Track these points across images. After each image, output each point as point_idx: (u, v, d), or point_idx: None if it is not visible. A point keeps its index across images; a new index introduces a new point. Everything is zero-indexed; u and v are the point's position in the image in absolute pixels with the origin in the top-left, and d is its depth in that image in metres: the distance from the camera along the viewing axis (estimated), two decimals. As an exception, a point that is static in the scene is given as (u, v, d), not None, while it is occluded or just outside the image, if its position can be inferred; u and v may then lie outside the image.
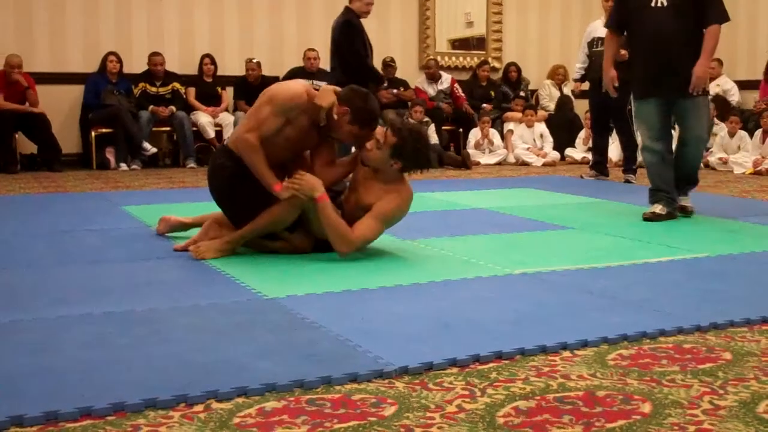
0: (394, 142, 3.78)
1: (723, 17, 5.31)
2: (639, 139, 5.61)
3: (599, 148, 8.33)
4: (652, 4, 5.23)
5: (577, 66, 8.70)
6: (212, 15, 9.96)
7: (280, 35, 10.26)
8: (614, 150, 9.25)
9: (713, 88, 10.75)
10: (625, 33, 5.62)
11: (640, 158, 7.24)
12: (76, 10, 9.33)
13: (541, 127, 10.40)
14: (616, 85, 5.66)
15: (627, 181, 7.83)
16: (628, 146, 7.87)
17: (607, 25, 5.83)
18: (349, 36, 7.37)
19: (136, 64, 9.50)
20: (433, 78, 10.61)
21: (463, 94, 10.70)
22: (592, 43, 8.16)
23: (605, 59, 5.74)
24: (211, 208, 4.13)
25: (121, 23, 9.56)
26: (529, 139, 10.38)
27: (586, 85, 8.62)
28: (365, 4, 7.38)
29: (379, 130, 3.83)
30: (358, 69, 7.27)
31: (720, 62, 10.87)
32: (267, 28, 10.20)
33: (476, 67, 11.07)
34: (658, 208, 5.23)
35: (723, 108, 10.06)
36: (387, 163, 3.82)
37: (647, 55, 5.32)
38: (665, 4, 5.20)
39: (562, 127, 10.64)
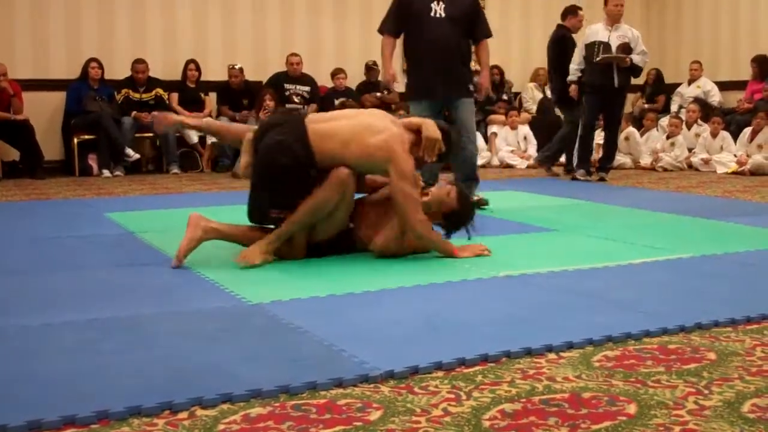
0: (454, 207, 4.01)
1: (489, 33, 6.14)
2: None
3: (590, 149, 8.45)
4: (432, 14, 5.84)
5: (572, 67, 8.41)
6: (195, 20, 9.94)
7: (264, 40, 10.25)
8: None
9: (694, 90, 10.83)
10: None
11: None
12: (59, 17, 9.29)
13: (525, 129, 10.44)
14: (397, 81, 6.19)
15: (602, 179, 8.16)
16: (613, 147, 8.48)
17: (382, 30, 6.15)
18: (565, 50, 8.50)
19: (119, 70, 9.46)
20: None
21: None
22: (592, 46, 8.11)
23: (385, 58, 6.14)
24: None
25: (104, 29, 9.52)
26: (513, 141, 10.42)
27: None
28: (578, 21, 8.70)
29: (447, 188, 4.04)
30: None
31: (700, 64, 10.94)
32: (250, 33, 10.19)
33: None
34: None
35: (704, 109, 10.12)
36: (436, 217, 4.01)
37: (425, 61, 5.87)
38: (443, 15, 5.83)
39: (545, 130, 10.66)
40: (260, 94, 8.97)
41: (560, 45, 8.60)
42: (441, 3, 5.89)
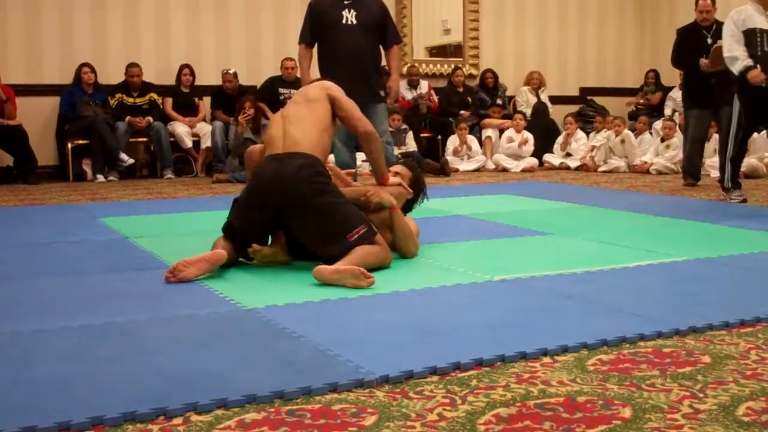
0: (410, 175, 4.36)
1: (399, 39, 6.56)
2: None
3: (741, 157, 6.84)
4: (343, 22, 6.12)
5: (742, 54, 6.55)
6: (188, 25, 9.93)
7: (257, 44, 10.25)
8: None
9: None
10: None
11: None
12: (52, 22, 9.29)
13: (527, 134, 10.44)
14: None
15: (744, 200, 6.63)
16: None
17: (300, 40, 6.41)
18: (675, 44, 8.10)
19: (112, 75, 9.46)
20: (413, 85, 10.67)
21: (436, 100, 10.79)
22: (754, 34, 6.48)
23: (303, 69, 6.38)
24: (188, 220, 4.10)
25: (97, 34, 9.52)
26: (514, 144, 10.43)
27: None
28: (698, 12, 7.84)
29: (399, 168, 4.40)
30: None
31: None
32: (244, 38, 10.20)
33: (450, 73, 11.11)
34: None
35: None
36: (404, 194, 4.25)
37: (338, 67, 5.98)
38: (354, 22, 6.12)
39: (539, 133, 10.69)
40: (241, 100, 8.94)
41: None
42: (352, 10, 6.10)
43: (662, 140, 9.71)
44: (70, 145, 9.07)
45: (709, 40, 7.55)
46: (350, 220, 3.70)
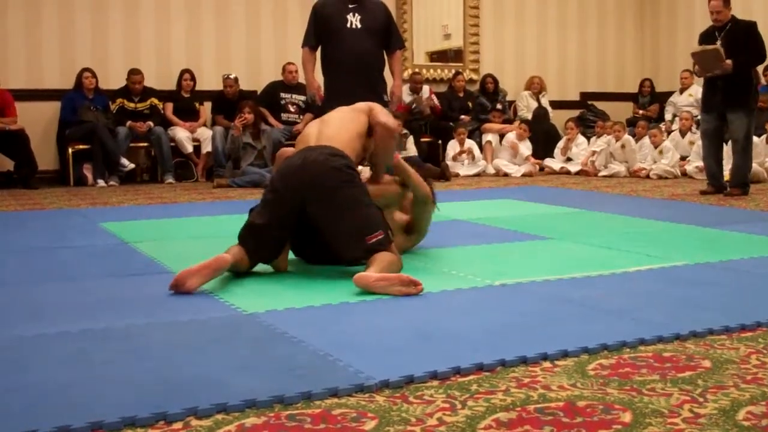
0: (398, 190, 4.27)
1: (402, 44, 6.60)
2: None
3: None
4: (348, 26, 6.09)
5: None
6: (189, 30, 9.95)
7: (257, 49, 10.27)
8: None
9: (686, 98, 10.85)
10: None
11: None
12: (52, 27, 9.30)
13: (523, 146, 10.44)
14: (322, 94, 6.34)
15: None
16: None
17: (304, 44, 6.40)
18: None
19: (113, 80, 9.47)
20: (416, 90, 10.69)
21: (438, 104, 10.80)
22: None
23: (307, 72, 6.41)
24: (188, 224, 4.10)
25: (98, 39, 9.53)
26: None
27: None
28: (709, 13, 7.56)
29: (388, 178, 4.29)
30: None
31: (690, 72, 10.95)
32: (244, 43, 10.21)
33: (451, 78, 11.13)
34: None
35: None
36: (395, 193, 4.23)
37: (342, 71, 6.06)
38: (359, 26, 6.09)
39: (540, 138, 10.69)
40: (241, 105, 8.99)
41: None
42: (357, 14, 6.10)
43: (655, 147, 9.73)
44: (70, 150, 9.08)
45: (718, 42, 7.30)
46: (371, 223, 3.64)
